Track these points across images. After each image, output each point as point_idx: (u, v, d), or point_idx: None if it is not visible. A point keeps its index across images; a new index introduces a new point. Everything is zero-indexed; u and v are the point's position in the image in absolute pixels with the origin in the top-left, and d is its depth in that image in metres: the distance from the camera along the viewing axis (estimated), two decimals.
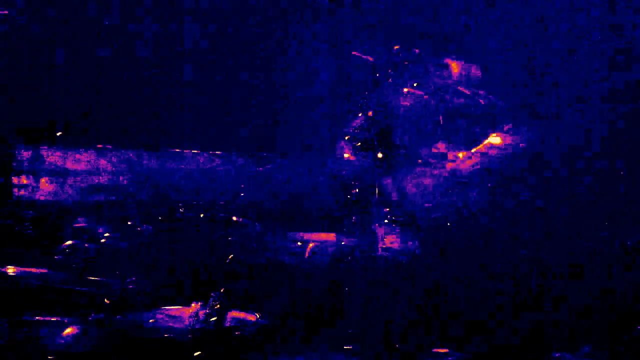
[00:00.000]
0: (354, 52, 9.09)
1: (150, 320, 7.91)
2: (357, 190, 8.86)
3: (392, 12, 9.22)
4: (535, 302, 8.41)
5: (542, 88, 9.18)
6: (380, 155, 8.88)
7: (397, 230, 8.69)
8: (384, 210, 8.77)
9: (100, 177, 8.92)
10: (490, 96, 9.08)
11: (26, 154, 8.78)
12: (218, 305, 7.97)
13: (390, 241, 8.65)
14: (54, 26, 8.88)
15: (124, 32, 8.98)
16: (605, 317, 8.19)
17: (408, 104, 9.00)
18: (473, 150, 9.05)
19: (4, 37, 8.78)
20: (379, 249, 8.59)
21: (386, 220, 8.75)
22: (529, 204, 8.88)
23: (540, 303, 8.37)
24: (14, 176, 8.66)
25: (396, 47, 9.01)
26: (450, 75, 9.10)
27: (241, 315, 8.05)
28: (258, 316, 8.04)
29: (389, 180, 8.88)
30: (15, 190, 8.66)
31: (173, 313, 8.00)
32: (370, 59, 9.09)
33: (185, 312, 7.98)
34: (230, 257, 8.45)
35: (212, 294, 8.04)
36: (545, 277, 8.50)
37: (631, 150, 9.07)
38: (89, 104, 8.96)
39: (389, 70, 9.04)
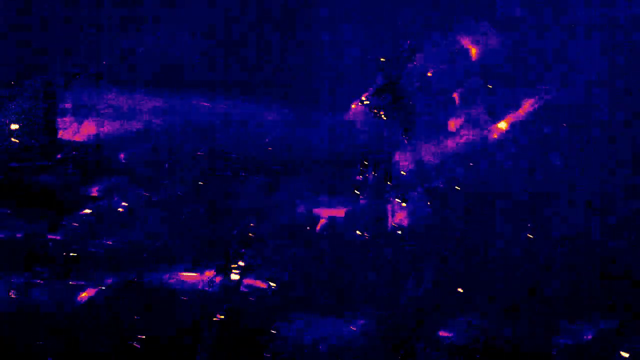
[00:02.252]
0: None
1: (166, 282, 8.15)
2: (369, 158, 8.80)
3: None
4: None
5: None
6: (398, 122, 8.81)
7: (409, 205, 8.69)
8: (395, 182, 8.75)
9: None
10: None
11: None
12: (234, 272, 8.17)
13: (402, 217, 8.66)
14: None
15: None
16: None
17: (430, 74, 8.92)
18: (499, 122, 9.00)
19: None
20: (389, 224, 8.64)
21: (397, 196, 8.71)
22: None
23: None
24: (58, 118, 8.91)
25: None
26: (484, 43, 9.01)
27: (255, 282, 8.24)
28: (271, 284, 8.21)
29: (406, 150, 8.85)
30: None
31: (187, 278, 8.22)
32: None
33: (199, 278, 8.19)
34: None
35: (228, 262, 8.24)
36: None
37: None
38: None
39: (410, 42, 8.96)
